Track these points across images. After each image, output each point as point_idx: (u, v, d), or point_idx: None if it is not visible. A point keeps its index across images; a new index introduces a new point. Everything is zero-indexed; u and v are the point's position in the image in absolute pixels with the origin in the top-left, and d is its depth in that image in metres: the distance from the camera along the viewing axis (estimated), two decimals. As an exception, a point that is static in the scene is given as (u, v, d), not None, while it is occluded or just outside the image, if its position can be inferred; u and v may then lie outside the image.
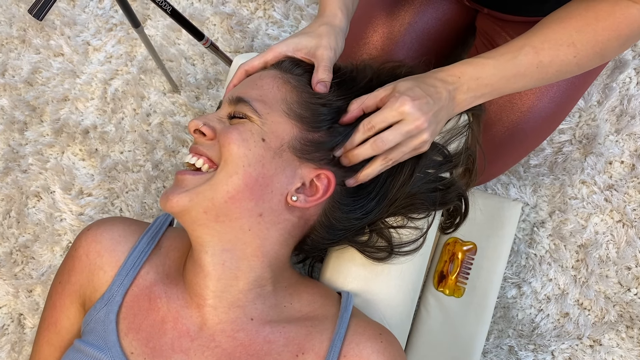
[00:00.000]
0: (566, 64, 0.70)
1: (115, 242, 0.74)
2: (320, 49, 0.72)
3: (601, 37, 0.68)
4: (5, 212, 1.23)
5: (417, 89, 0.66)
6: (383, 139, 0.66)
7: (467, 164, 0.79)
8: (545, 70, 0.69)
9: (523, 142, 0.96)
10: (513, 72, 0.69)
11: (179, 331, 0.67)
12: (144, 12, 1.34)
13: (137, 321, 0.68)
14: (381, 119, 0.66)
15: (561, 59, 0.69)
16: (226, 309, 0.67)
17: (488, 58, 0.70)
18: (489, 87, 0.70)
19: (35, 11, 0.77)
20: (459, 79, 0.69)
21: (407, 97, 0.65)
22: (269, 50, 0.74)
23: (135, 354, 0.66)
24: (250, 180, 0.64)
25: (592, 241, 1.09)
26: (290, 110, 0.68)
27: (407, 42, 0.98)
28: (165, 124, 1.26)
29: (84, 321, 0.70)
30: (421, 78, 0.69)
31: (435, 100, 0.67)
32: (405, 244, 0.75)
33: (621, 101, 1.15)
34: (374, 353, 0.65)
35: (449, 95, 0.69)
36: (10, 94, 1.31)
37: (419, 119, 0.65)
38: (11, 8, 1.37)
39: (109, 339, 0.66)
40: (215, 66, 1.29)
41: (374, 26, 0.98)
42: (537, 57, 0.69)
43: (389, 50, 0.97)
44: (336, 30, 0.74)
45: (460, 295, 0.93)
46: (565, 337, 1.06)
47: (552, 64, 0.69)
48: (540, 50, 0.68)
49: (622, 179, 1.11)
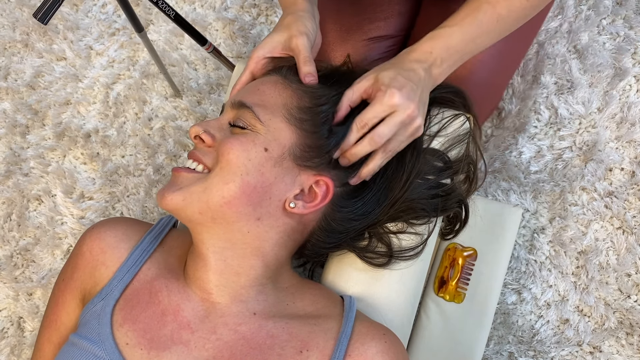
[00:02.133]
0: (522, 10, 0.73)
1: (118, 240, 0.74)
2: (293, 39, 0.73)
3: None
4: (6, 215, 1.24)
5: (400, 77, 0.67)
6: (379, 133, 0.67)
7: (468, 172, 0.80)
8: (505, 21, 0.73)
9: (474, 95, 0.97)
10: (477, 33, 0.72)
11: (179, 323, 0.67)
12: (146, 16, 1.35)
13: (134, 312, 0.68)
14: (373, 114, 0.67)
15: (516, 6, 0.72)
16: (229, 303, 0.68)
17: (452, 26, 0.72)
18: (459, 53, 0.72)
19: (40, 15, 0.77)
20: (431, 54, 0.71)
21: (394, 89, 0.66)
22: (249, 60, 0.75)
23: (131, 344, 0.65)
24: (248, 188, 0.65)
25: (592, 248, 1.09)
26: (291, 116, 0.68)
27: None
28: (166, 128, 1.27)
29: (81, 315, 0.71)
30: (399, 64, 0.70)
31: (417, 84, 0.68)
32: (405, 250, 0.75)
33: (621, 108, 1.16)
34: (378, 353, 0.65)
35: (426, 74, 0.70)
36: (12, 97, 1.31)
37: (409, 107, 0.66)
38: (15, 12, 1.38)
39: (102, 332, 0.66)
40: (218, 71, 1.30)
41: (332, 45, 1.00)
42: (495, 11, 0.72)
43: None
44: (300, 14, 0.75)
45: (460, 301, 0.93)
46: (565, 344, 1.06)
47: (510, 13, 0.72)
48: (496, 4, 0.71)
49: (622, 186, 1.12)
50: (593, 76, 1.18)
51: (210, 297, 0.68)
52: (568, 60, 1.19)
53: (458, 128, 0.79)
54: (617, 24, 1.21)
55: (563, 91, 1.18)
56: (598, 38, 1.20)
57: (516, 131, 1.17)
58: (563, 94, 1.18)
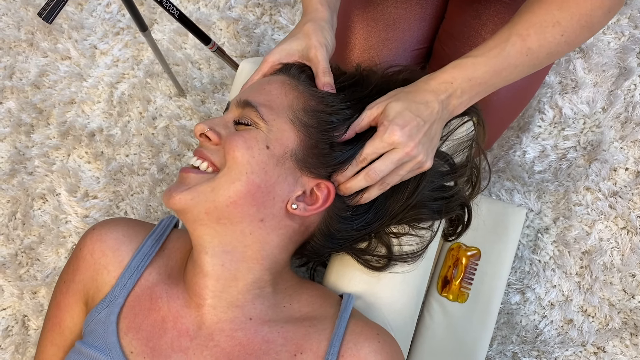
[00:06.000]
0: (555, 45, 0.68)
1: (119, 242, 0.74)
2: (312, 50, 0.72)
3: (584, 9, 0.67)
4: (11, 213, 1.24)
5: (407, 112, 0.66)
6: (375, 169, 0.67)
7: (471, 176, 0.80)
8: (536, 55, 0.69)
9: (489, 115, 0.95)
10: (504, 65, 0.68)
11: (178, 330, 0.67)
12: (151, 16, 1.35)
13: (137, 320, 0.68)
14: (372, 150, 0.67)
15: (549, 41, 0.68)
16: (225, 309, 0.68)
17: (477, 56, 0.69)
18: (482, 85, 0.69)
19: (45, 14, 0.77)
20: (451, 84, 0.68)
21: (395, 126, 0.65)
22: (263, 63, 0.75)
23: (135, 353, 0.66)
24: (253, 187, 0.65)
25: (596, 248, 1.09)
26: (296, 118, 0.68)
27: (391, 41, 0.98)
28: (170, 127, 1.27)
29: (86, 322, 0.71)
30: (411, 95, 0.68)
31: (426, 119, 0.67)
32: (405, 254, 0.75)
33: (626, 108, 1.15)
34: (371, 353, 0.65)
35: (441, 106, 0.68)
36: (17, 96, 1.32)
37: (408, 146, 0.65)
38: (19, 12, 1.38)
39: (109, 340, 0.66)
40: (221, 70, 1.30)
41: (354, 30, 0.98)
42: (525, 44, 0.68)
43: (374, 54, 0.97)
44: (321, 24, 0.74)
45: (464, 300, 0.93)
46: (569, 344, 1.06)
47: (541, 48, 0.68)
48: (527, 36, 0.68)
49: (627, 185, 1.11)
50: (597, 75, 1.17)
51: (207, 303, 0.68)
52: (572, 59, 1.19)
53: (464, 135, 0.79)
54: (622, 23, 1.21)
55: (567, 91, 1.18)
56: (603, 37, 1.20)
57: (520, 131, 1.17)
58: (567, 94, 1.17)
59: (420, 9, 0.98)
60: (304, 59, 0.74)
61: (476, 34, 0.93)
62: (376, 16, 0.96)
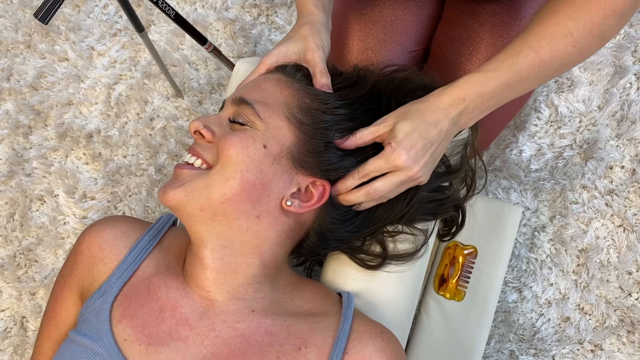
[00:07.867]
0: (567, 56, 0.67)
1: (116, 237, 0.75)
2: (310, 52, 0.73)
3: (596, 18, 0.65)
4: (9, 215, 1.24)
5: (415, 134, 0.65)
6: (376, 188, 0.67)
7: (466, 177, 0.80)
8: (548, 67, 0.68)
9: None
10: (516, 78, 0.67)
11: (177, 319, 0.67)
12: (148, 17, 1.35)
13: (132, 308, 0.68)
14: (375, 168, 0.67)
15: (561, 52, 0.67)
16: (227, 300, 0.68)
17: (489, 70, 0.67)
18: (493, 99, 0.68)
19: (41, 15, 0.78)
20: (464, 100, 0.67)
21: (402, 150, 0.65)
22: (260, 65, 0.75)
23: (129, 340, 0.66)
24: (248, 184, 0.65)
25: (593, 246, 1.09)
26: (291, 115, 0.68)
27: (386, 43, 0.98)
28: (168, 128, 1.27)
29: (80, 312, 0.71)
30: (421, 113, 0.67)
31: (434, 140, 0.67)
32: (400, 254, 0.76)
33: (621, 106, 1.16)
34: (375, 351, 0.66)
35: (451, 124, 0.68)
36: (15, 98, 1.32)
37: (412, 170, 0.66)
38: (17, 13, 1.38)
39: (101, 328, 0.66)
40: (218, 71, 1.30)
41: (350, 30, 0.98)
42: (537, 56, 0.66)
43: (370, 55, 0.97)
44: (317, 27, 0.75)
45: (460, 299, 0.94)
46: (566, 342, 1.06)
47: (554, 59, 0.67)
48: (539, 48, 0.66)
49: (623, 183, 1.12)
50: (593, 74, 1.18)
51: (209, 295, 0.68)
52: (568, 58, 1.19)
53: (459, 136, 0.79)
54: (617, 22, 1.21)
55: (563, 89, 1.18)
56: (598, 36, 1.20)
57: (516, 129, 1.18)
58: (563, 92, 1.18)
59: (417, 10, 0.98)
60: (302, 61, 0.75)
61: (474, 35, 0.93)
62: (373, 18, 0.97)
